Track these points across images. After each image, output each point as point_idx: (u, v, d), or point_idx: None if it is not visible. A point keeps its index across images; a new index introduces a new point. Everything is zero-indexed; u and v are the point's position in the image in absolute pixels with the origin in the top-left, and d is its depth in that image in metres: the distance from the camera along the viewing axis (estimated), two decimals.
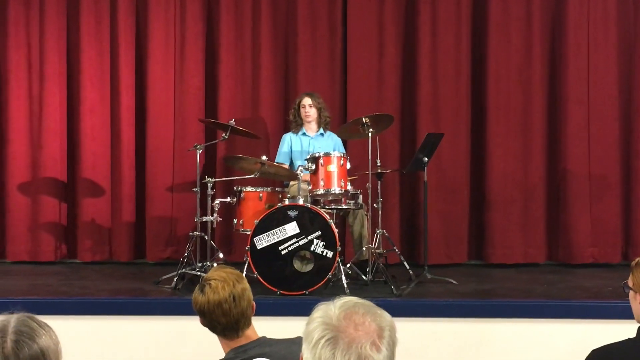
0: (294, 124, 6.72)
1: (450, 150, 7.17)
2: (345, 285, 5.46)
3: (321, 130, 6.71)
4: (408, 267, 6.02)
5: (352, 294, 5.38)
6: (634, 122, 7.30)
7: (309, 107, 6.61)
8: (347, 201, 6.04)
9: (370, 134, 5.96)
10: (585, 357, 2.85)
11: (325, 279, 5.50)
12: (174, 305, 5.36)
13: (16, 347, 1.75)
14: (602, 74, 7.24)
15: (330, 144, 6.64)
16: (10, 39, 7.39)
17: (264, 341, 2.86)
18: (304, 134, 6.69)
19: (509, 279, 6.56)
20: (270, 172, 6.08)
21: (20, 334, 1.78)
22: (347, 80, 7.38)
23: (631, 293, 2.87)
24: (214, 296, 2.82)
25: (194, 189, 6.09)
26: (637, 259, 2.89)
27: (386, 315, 1.73)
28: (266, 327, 2.98)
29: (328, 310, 1.71)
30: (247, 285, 2.91)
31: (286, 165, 6.55)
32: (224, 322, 2.82)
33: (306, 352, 1.69)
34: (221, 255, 6.17)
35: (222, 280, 2.85)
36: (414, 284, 5.85)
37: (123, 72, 7.35)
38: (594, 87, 7.23)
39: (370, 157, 5.96)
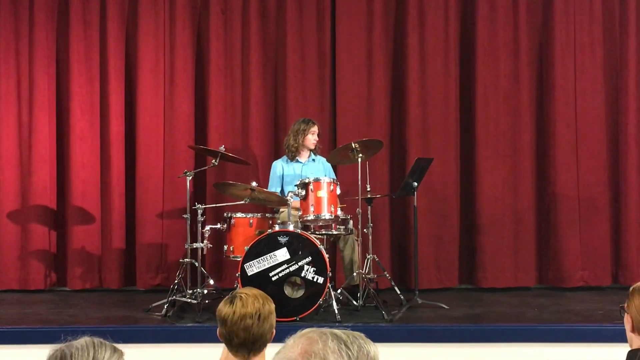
0: (290, 150, 6.62)
1: (440, 174, 7.19)
2: (336, 311, 5.44)
3: (312, 156, 6.71)
4: (399, 292, 6.01)
5: (343, 319, 5.39)
6: (622, 144, 7.36)
7: (317, 135, 6.63)
8: (338, 226, 6.04)
9: (359, 159, 5.98)
10: None
11: (316, 305, 5.50)
12: (164, 332, 5.34)
13: None
14: (589, 97, 7.30)
15: (321, 170, 6.64)
16: None
17: None
18: (296, 160, 6.69)
19: (500, 302, 6.56)
20: (260, 198, 6.08)
21: None
22: (337, 106, 7.40)
23: (626, 316, 2.85)
24: (242, 309, 2.82)
25: (184, 216, 6.08)
26: (635, 285, 2.85)
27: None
28: None
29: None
30: (274, 311, 2.91)
31: (277, 192, 6.53)
32: (242, 337, 2.80)
33: None
34: (212, 281, 6.16)
35: (253, 297, 2.86)
36: (405, 308, 5.84)
37: (113, 99, 7.35)
38: (581, 110, 7.29)
39: (360, 182, 5.97)
